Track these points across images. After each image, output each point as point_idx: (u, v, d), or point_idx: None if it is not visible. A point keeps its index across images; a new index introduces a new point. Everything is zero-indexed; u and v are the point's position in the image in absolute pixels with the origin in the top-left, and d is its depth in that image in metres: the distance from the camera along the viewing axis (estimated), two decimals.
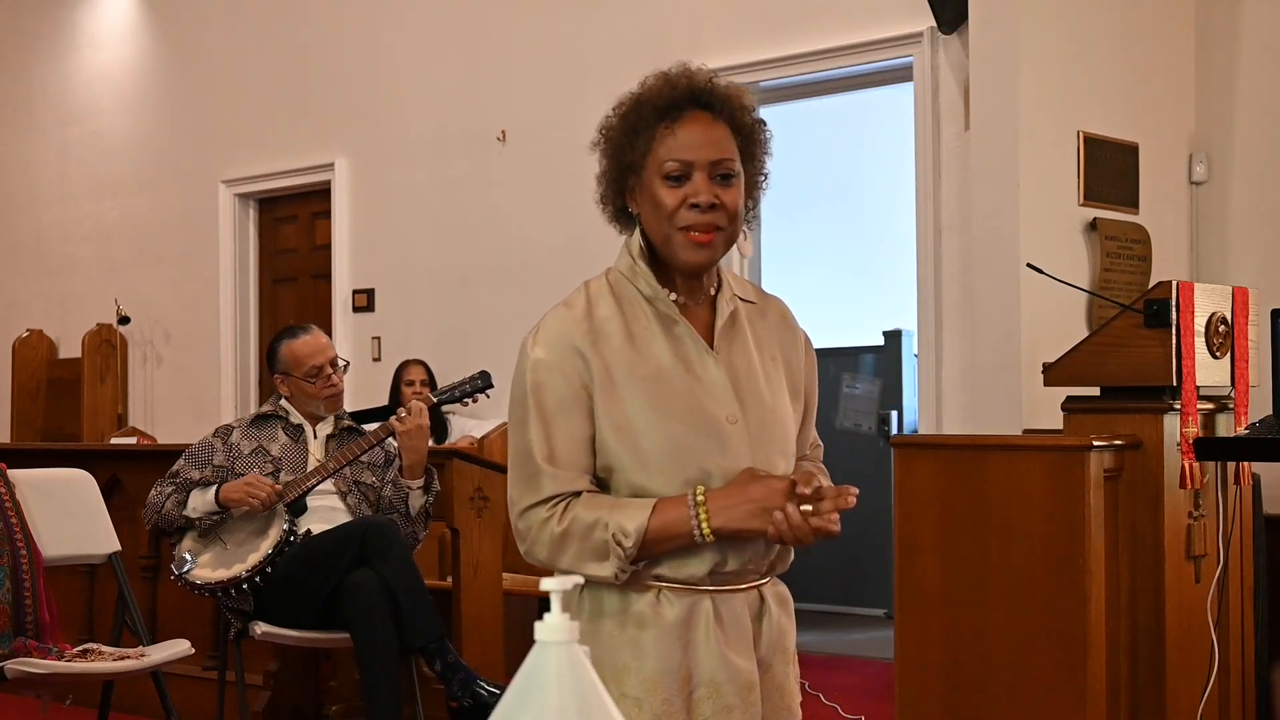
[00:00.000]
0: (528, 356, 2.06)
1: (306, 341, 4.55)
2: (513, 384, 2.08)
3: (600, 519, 2.00)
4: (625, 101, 2.14)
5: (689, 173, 2.07)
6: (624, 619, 2.05)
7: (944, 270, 5.85)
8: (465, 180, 7.45)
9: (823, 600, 7.64)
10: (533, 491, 2.03)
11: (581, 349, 2.05)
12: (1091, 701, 3.62)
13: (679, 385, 2.06)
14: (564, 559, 2.01)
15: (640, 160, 2.09)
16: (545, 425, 2.03)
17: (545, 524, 2.02)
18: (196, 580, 4.29)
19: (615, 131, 2.13)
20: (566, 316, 2.08)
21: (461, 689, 4.12)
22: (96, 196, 9.35)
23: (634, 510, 2.00)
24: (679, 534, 2.00)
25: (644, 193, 2.10)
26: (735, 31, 6.46)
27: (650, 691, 2.04)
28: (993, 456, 3.79)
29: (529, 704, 1.13)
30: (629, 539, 1.98)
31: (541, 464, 2.02)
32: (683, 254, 2.08)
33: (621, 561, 1.99)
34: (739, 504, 2.00)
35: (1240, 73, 5.40)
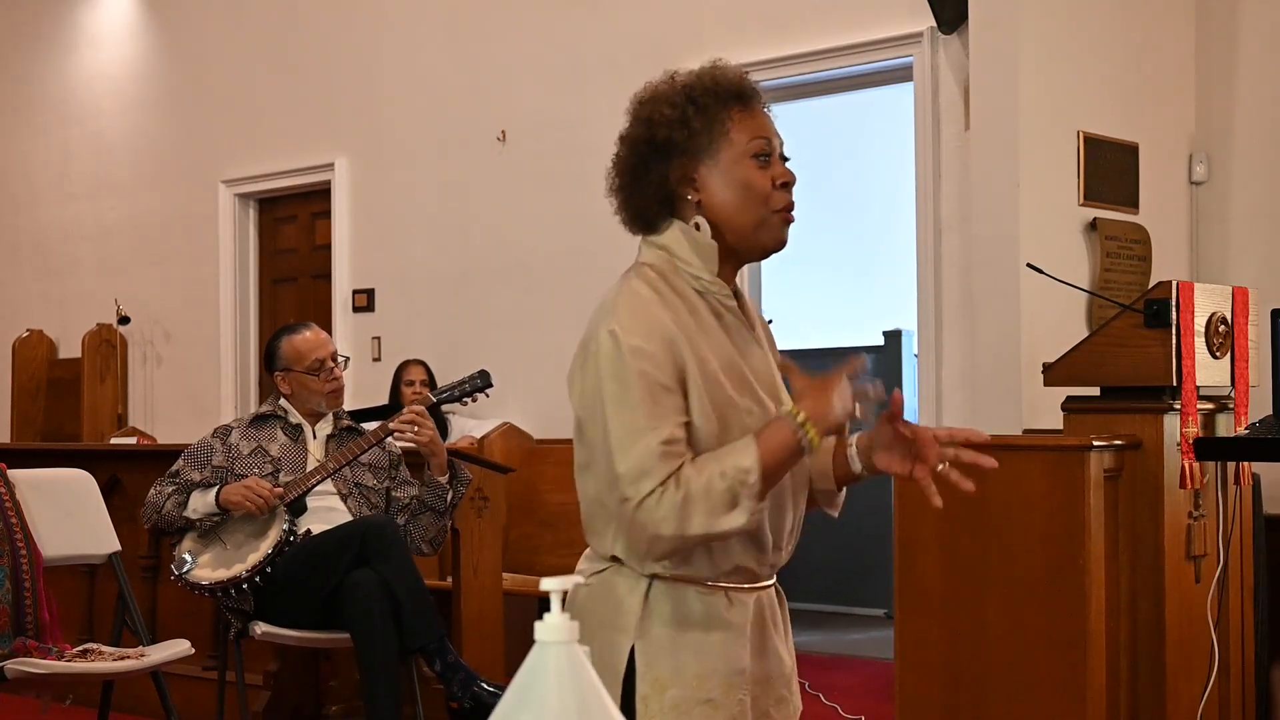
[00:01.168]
0: (622, 345, 1.98)
1: (307, 337, 4.55)
2: (603, 377, 1.99)
3: (713, 471, 1.95)
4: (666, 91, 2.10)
5: (770, 154, 2.08)
6: (708, 622, 2.05)
7: (944, 270, 5.85)
8: (465, 180, 7.45)
9: (823, 600, 7.64)
10: (647, 482, 1.95)
11: (673, 338, 2.01)
12: (1091, 701, 3.62)
13: (740, 374, 2.07)
14: (694, 523, 1.94)
15: (716, 143, 2.06)
16: (653, 413, 1.97)
17: (661, 499, 1.95)
18: (196, 580, 4.29)
19: (669, 117, 2.07)
20: (648, 305, 2.02)
21: (461, 689, 4.11)
22: (96, 196, 9.35)
23: (742, 449, 1.97)
24: (792, 455, 1.98)
25: (722, 177, 2.06)
26: (735, 31, 6.46)
27: (728, 693, 2.06)
28: (993, 456, 3.78)
29: (529, 704, 1.13)
30: (751, 474, 1.94)
31: (655, 448, 1.95)
32: (777, 234, 2.09)
33: (752, 501, 1.95)
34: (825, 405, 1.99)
35: (1240, 73, 5.40)
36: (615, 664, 2.03)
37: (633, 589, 2.04)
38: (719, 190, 2.06)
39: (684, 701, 2.03)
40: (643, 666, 2.03)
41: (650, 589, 2.04)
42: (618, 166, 2.13)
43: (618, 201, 2.14)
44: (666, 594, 2.04)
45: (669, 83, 2.12)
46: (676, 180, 2.07)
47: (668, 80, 2.12)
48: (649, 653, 2.03)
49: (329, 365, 4.51)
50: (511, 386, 6.77)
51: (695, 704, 2.03)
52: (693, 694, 2.03)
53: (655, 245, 2.11)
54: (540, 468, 6.42)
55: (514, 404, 6.90)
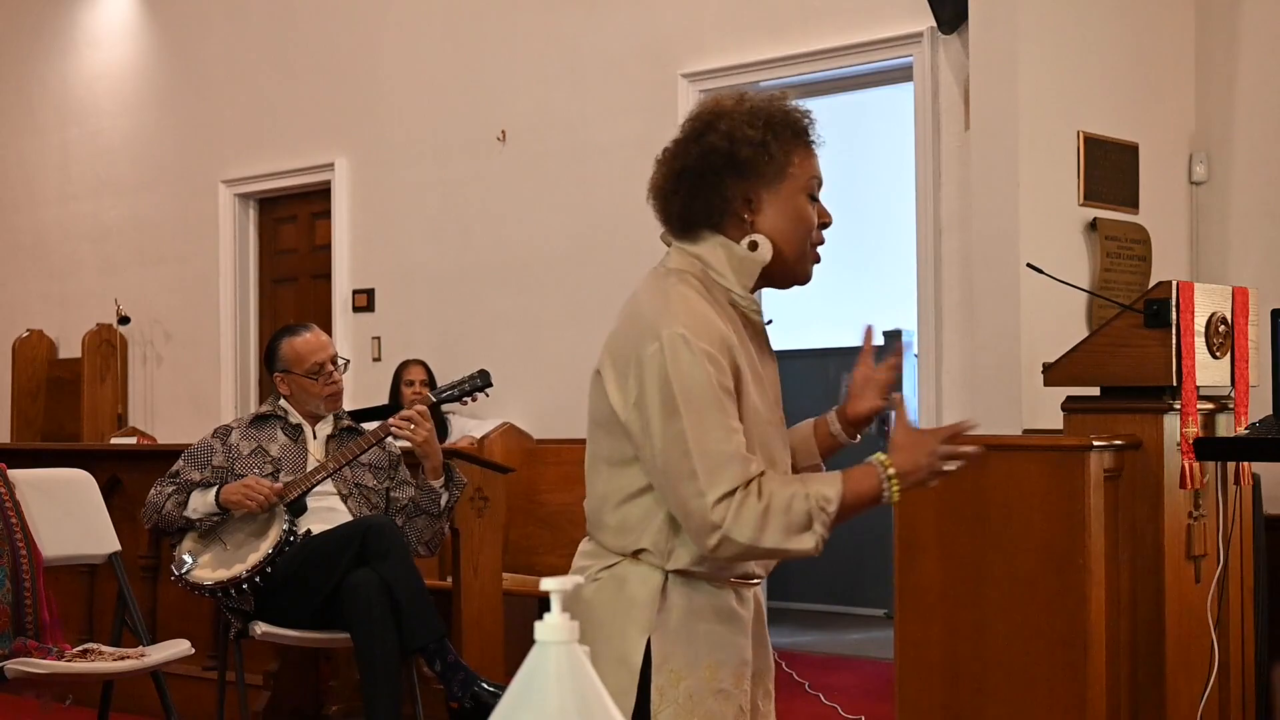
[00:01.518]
0: (694, 349, 2.04)
1: (307, 339, 4.54)
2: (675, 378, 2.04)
3: (797, 491, 2.04)
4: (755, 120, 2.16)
5: (817, 194, 2.22)
6: (719, 615, 2.13)
7: (944, 270, 5.85)
8: (465, 180, 7.45)
9: (823, 600, 7.64)
10: (726, 480, 2.02)
11: (731, 345, 2.09)
12: (1091, 701, 3.62)
13: (761, 388, 2.17)
14: (768, 536, 2.02)
15: (781, 173, 2.16)
16: (726, 413, 2.04)
17: (744, 505, 2.01)
18: (196, 581, 4.29)
19: (745, 136, 2.14)
20: (707, 312, 2.10)
21: (461, 689, 4.12)
22: (96, 196, 9.35)
23: (828, 480, 2.07)
24: (871, 500, 2.08)
25: (781, 205, 2.17)
26: (735, 31, 6.47)
27: (737, 684, 2.14)
28: (993, 456, 3.78)
29: (529, 704, 1.13)
30: (831, 504, 2.03)
31: (734, 451, 2.02)
32: (810, 266, 2.24)
33: (824, 529, 2.04)
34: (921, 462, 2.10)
35: (1240, 73, 5.40)
36: (630, 657, 2.09)
37: (646, 582, 2.11)
38: (774, 216, 2.16)
39: (698, 692, 2.10)
40: (659, 659, 2.09)
41: (667, 583, 2.10)
42: (680, 168, 2.17)
43: (667, 199, 2.19)
44: (682, 588, 2.10)
45: (739, 103, 2.19)
46: (739, 198, 2.15)
47: (737, 99, 2.20)
48: (665, 645, 2.09)
49: (328, 369, 4.50)
50: (511, 386, 6.78)
51: (709, 695, 2.11)
52: (706, 685, 2.10)
53: (689, 254, 2.17)
54: (540, 468, 6.42)
55: (514, 404, 6.90)
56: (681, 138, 2.19)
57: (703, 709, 2.10)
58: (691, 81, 6.57)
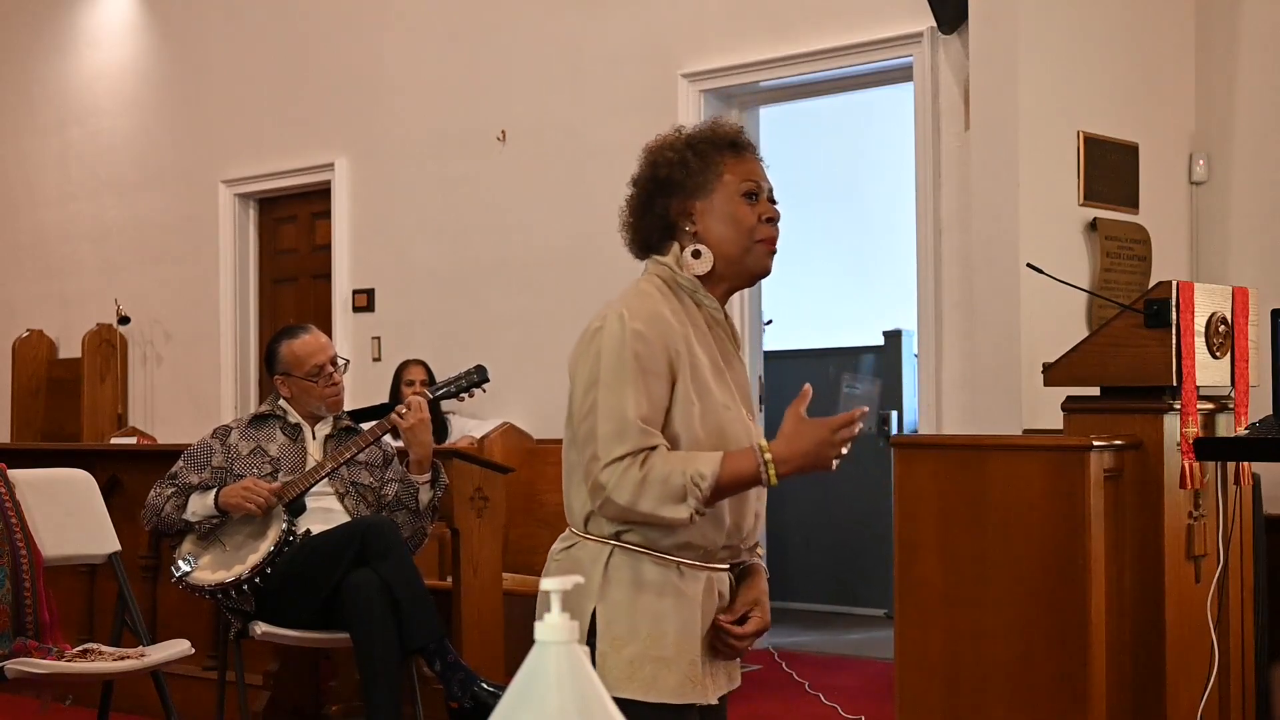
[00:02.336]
0: (626, 327, 2.28)
1: (307, 341, 4.54)
2: (603, 352, 2.28)
3: (677, 467, 2.24)
4: (672, 140, 2.44)
5: (758, 194, 2.41)
6: (661, 589, 2.31)
7: (944, 270, 5.85)
8: (465, 180, 7.45)
9: (823, 600, 7.64)
10: (621, 445, 2.24)
11: (672, 329, 2.31)
12: (1092, 701, 3.62)
13: (722, 380, 2.38)
14: (644, 501, 2.23)
15: (710, 183, 2.39)
16: (641, 388, 2.26)
17: (627, 472, 2.23)
18: (196, 583, 4.29)
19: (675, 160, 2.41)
20: (653, 301, 2.34)
21: (461, 689, 4.12)
22: (96, 196, 9.35)
23: (707, 459, 2.25)
24: (749, 481, 2.27)
25: (715, 212, 2.39)
26: (735, 31, 6.47)
27: (679, 654, 2.31)
28: (993, 456, 3.79)
29: (529, 704, 1.13)
30: (705, 481, 2.22)
31: (634, 420, 2.24)
32: (762, 261, 2.41)
33: (698, 502, 2.22)
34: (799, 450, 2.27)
35: (1240, 73, 5.40)
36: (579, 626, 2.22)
37: (595, 558, 2.31)
38: (712, 224, 2.39)
39: (639, 658, 2.29)
40: (602, 626, 2.29)
41: (611, 556, 2.30)
42: (628, 204, 2.46)
43: (628, 234, 2.47)
44: (625, 561, 2.30)
45: (675, 134, 2.46)
46: (676, 213, 2.40)
47: (674, 132, 2.47)
48: (608, 614, 2.30)
49: (328, 370, 4.50)
50: (511, 386, 6.78)
51: (648, 661, 2.29)
52: (646, 652, 2.29)
53: (660, 261, 2.43)
54: (540, 468, 6.42)
55: (514, 404, 6.90)
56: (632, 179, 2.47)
57: (642, 674, 2.28)
58: (691, 81, 6.57)
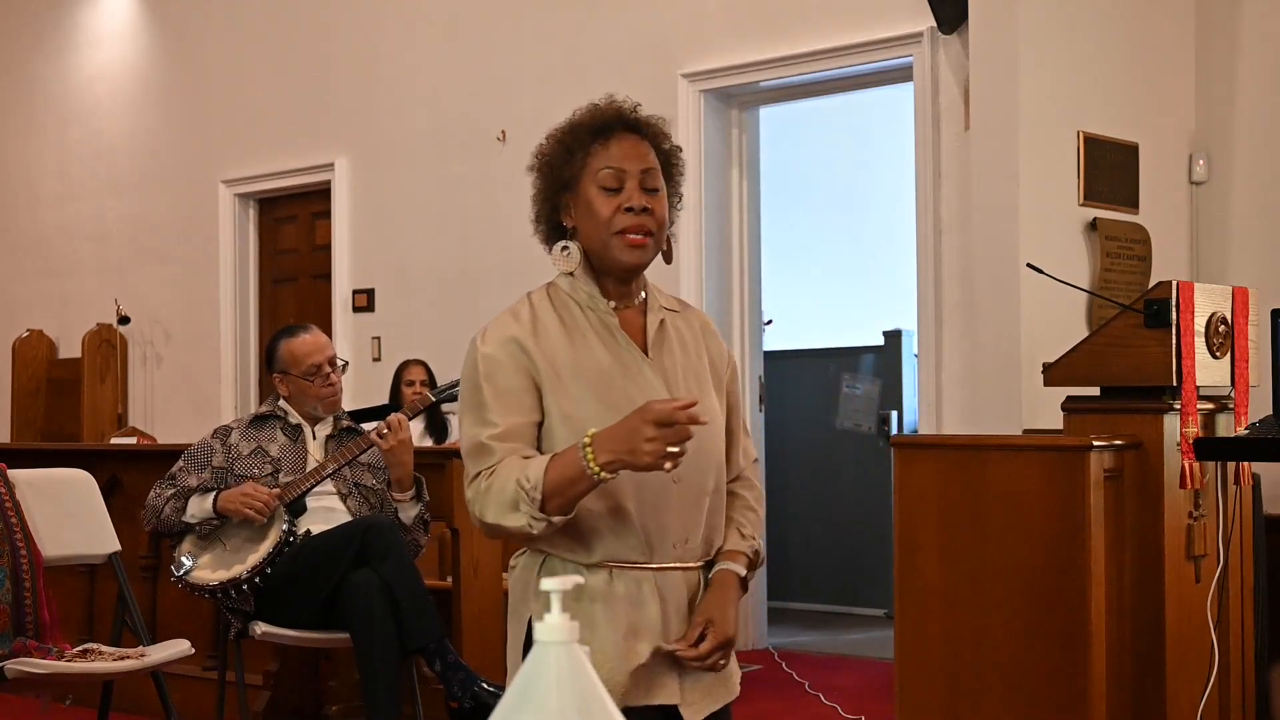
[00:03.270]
0: (477, 352, 2.29)
1: (305, 340, 4.54)
2: (463, 379, 2.32)
3: (514, 474, 2.20)
4: (558, 128, 2.35)
5: (622, 183, 2.28)
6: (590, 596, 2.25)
7: (944, 270, 5.85)
8: (465, 180, 7.45)
9: (823, 600, 7.64)
10: (475, 464, 2.24)
11: (527, 347, 2.27)
12: (1092, 701, 3.62)
13: (619, 384, 2.28)
14: (489, 512, 2.21)
15: (577, 175, 2.30)
16: (493, 410, 2.25)
17: (477, 485, 2.23)
18: (196, 582, 4.29)
19: (551, 152, 2.33)
20: (512, 321, 2.31)
21: (461, 689, 4.12)
22: (96, 196, 9.35)
23: (537, 461, 2.20)
24: (577, 475, 2.16)
25: (580, 205, 2.30)
26: (735, 31, 6.47)
27: (600, 662, 2.18)
28: (993, 456, 3.78)
29: (529, 704, 1.13)
30: (530, 483, 2.16)
31: (488, 441, 2.23)
32: (621, 255, 2.29)
33: (530, 507, 2.16)
34: (622, 442, 2.13)
35: (1240, 73, 5.40)
36: (518, 638, 2.32)
37: (528, 570, 2.31)
38: (578, 217, 2.32)
39: None
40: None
41: (543, 565, 2.28)
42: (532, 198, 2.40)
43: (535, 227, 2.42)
44: (553, 570, 2.27)
45: (562, 122, 2.37)
46: (554, 207, 2.35)
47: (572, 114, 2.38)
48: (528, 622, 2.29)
49: (325, 370, 4.50)
50: None
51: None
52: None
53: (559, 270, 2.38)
54: None
55: None
56: None
57: None
58: (691, 81, 6.57)
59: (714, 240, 6.63)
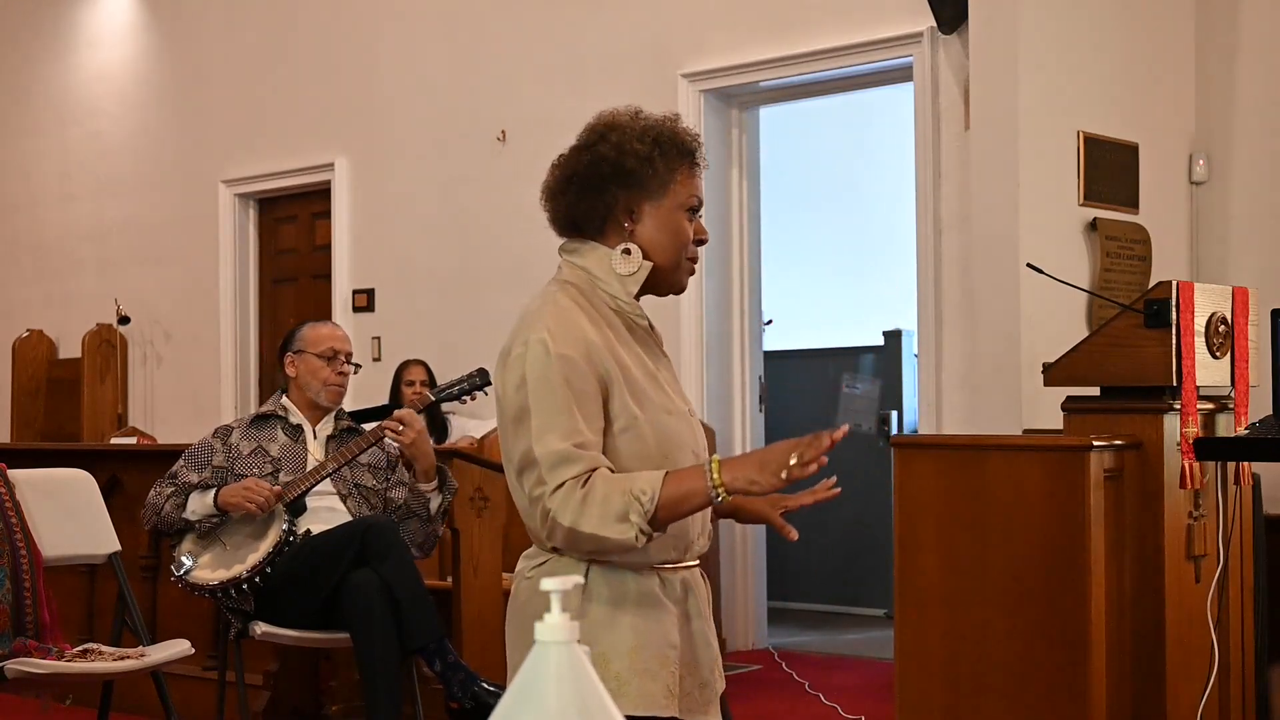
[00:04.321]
0: (551, 353, 2.20)
1: (330, 327, 4.65)
2: (531, 380, 2.21)
3: (620, 486, 2.15)
4: (637, 127, 2.32)
5: (698, 212, 2.36)
6: (642, 601, 2.25)
7: (944, 270, 5.85)
8: (465, 180, 7.45)
9: (823, 600, 7.64)
10: (561, 472, 2.16)
11: (599, 348, 2.24)
12: (1092, 701, 3.62)
13: (654, 383, 2.31)
14: (585, 522, 2.15)
15: (663, 188, 2.32)
16: (576, 416, 2.19)
17: (569, 495, 2.15)
18: (196, 581, 4.29)
19: (635, 152, 2.31)
20: (574, 317, 2.26)
21: (461, 689, 4.12)
22: (96, 196, 9.35)
23: (650, 478, 2.16)
24: (694, 492, 2.16)
25: (659, 218, 2.32)
26: (735, 31, 6.47)
27: (662, 665, 2.26)
28: (993, 456, 3.79)
29: (529, 704, 1.13)
30: (647, 497, 2.13)
31: (571, 448, 2.17)
32: (683, 279, 2.38)
33: (641, 519, 2.13)
34: (753, 466, 2.16)
35: (1240, 73, 5.40)
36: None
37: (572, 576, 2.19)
38: (652, 228, 2.33)
39: (625, 674, 2.23)
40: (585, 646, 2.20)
41: (589, 573, 2.24)
42: (571, 174, 2.36)
43: (556, 203, 2.40)
44: (604, 578, 2.24)
45: (634, 118, 2.34)
46: (622, 207, 2.32)
47: (632, 115, 2.35)
48: (589, 632, 2.20)
49: (340, 359, 4.54)
50: None
51: (634, 675, 2.24)
52: (631, 668, 2.24)
53: (578, 267, 2.37)
54: None
55: None
56: (575, 145, 2.38)
57: (631, 689, 2.22)
58: (691, 81, 6.57)
59: (714, 240, 6.61)
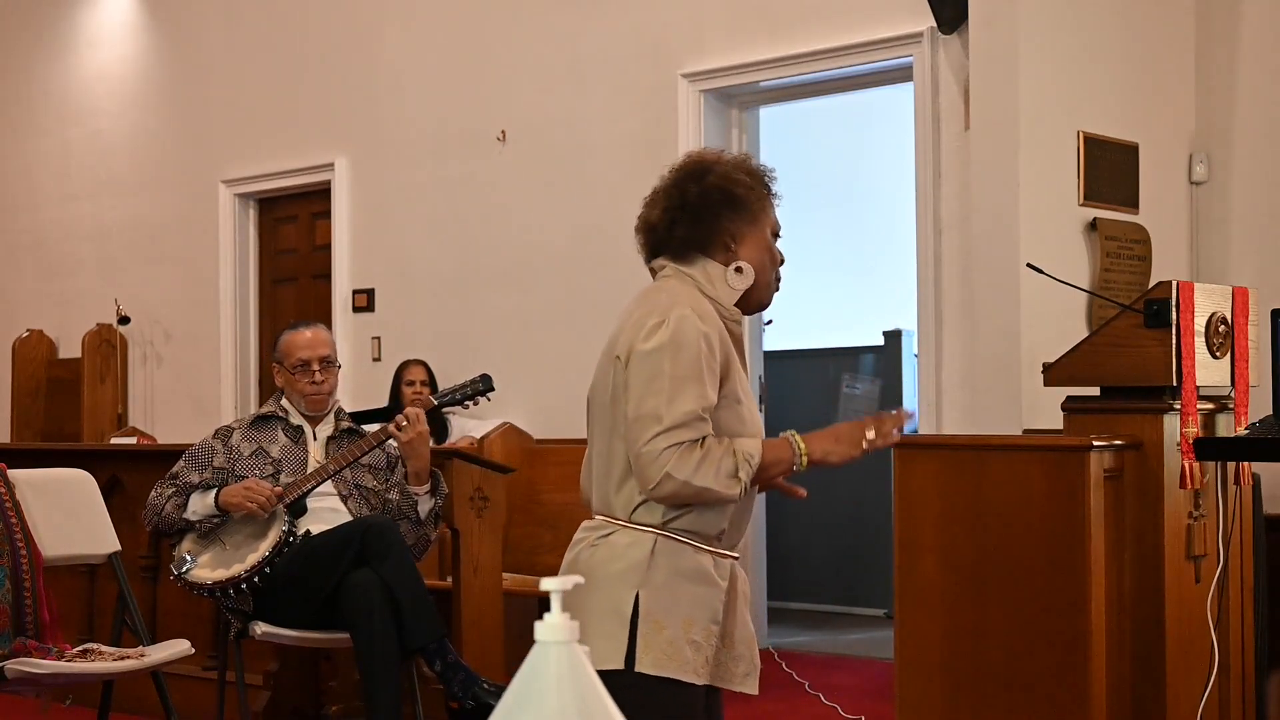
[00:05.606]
0: (697, 328, 2.50)
1: (303, 335, 4.58)
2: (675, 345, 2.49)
3: (729, 447, 2.49)
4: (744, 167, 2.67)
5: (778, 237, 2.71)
6: (698, 576, 2.53)
7: (944, 270, 5.85)
8: (465, 180, 7.45)
9: (823, 600, 7.64)
10: (685, 432, 2.45)
11: (724, 338, 2.57)
12: (1092, 701, 3.62)
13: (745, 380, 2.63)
14: (700, 477, 2.44)
15: (762, 216, 2.66)
16: (704, 384, 2.49)
17: (688, 453, 2.44)
18: (196, 580, 4.29)
19: (754, 186, 2.66)
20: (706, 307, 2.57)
21: (462, 689, 4.12)
22: (96, 196, 9.35)
23: (752, 442, 2.53)
24: (783, 459, 2.55)
25: (758, 242, 2.66)
26: (735, 31, 6.47)
27: (707, 638, 2.53)
28: (993, 456, 3.79)
29: (529, 704, 1.13)
30: (754, 458, 2.49)
31: (697, 410, 2.47)
32: (770, 296, 2.71)
33: (747, 478, 2.48)
34: (829, 439, 2.58)
35: (1240, 73, 5.40)
36: (622, 608, 2.50)
37: (638, 545, 2.52)
38: (751, 250, 2.65)
39: (676, 641, 2.49)
40: (645, 611, 2.49)
41: (656, 544, 2.51)
42: (680, 204, 2.62)
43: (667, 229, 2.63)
44: (669, 549, 2.52)
45: (722, 155, 2.71)
46: (728, 231, 2.63)
47: (719, 154, 2.72)
48: (651, 600, 2.50)
49: (313, 368, 4.50)
50: (512, 386, 6.78)
51: (684, 644, 2.50)
52: (682, 635, 2.50)
53: (684, 273, 2.63)
54: (540, 468, 6.42)
55: (514, 404, 6.90)
56: (677, 180, 2.65)
57: (679, 656, 2.49)
58: (691, 81, 6.57)
59: None
